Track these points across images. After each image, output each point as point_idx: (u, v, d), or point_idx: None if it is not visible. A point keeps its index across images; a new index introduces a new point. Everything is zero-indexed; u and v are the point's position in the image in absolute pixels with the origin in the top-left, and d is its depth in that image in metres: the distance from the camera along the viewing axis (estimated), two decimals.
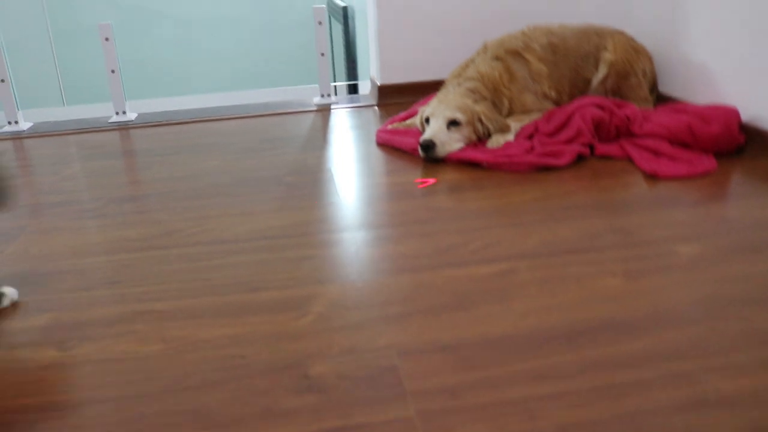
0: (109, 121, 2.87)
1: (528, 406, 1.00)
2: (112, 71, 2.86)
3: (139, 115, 2.93)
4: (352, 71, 4.21)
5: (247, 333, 1.22)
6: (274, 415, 1.01)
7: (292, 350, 1.16)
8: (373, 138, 2.40)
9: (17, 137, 2.75)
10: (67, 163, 2.36)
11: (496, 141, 2.15)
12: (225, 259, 1.52)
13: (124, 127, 2.78)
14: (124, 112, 2.90)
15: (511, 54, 2.34)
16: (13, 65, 2.80)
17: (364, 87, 3.29)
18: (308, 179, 2.02)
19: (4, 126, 2.85)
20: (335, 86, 3.04)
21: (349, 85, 3.69)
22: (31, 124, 2.90)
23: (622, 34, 2.50)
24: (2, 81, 2.78)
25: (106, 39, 2.81)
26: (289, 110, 2.85)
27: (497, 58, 2.33)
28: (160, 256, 1.55)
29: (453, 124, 2.14)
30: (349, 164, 2.17)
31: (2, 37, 2.75)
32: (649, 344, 1.14)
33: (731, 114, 2.08)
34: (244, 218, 1.74)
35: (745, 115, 2.10)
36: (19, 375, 1.14)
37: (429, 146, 2.10)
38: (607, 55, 2.42)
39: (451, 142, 2.13)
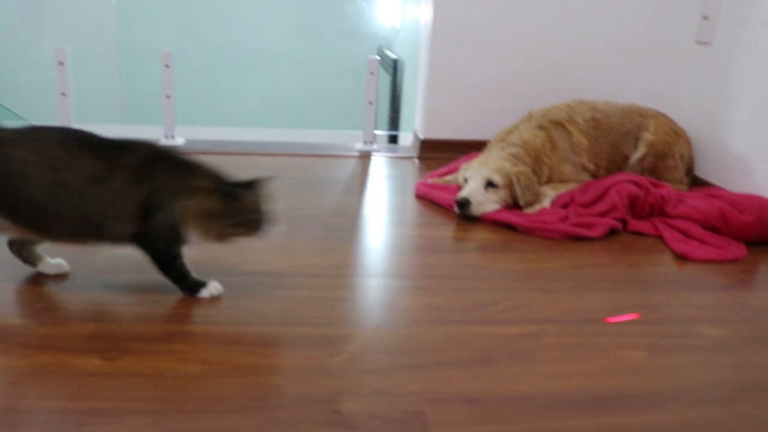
0: (158, 143, 2.97)
1: None
2: (168, 96, 2.97)
3: (187, 141, 3.03)
4: (394, 121, 4.32)
5: (283, 364, 1.28)
6: None
7: (324, 386, 1.22)
8: (411, 189, 2.47)
9: None
10: None
11: (533, 206, 2.21)
12: (266, 291, 1.58)
13: None
14: (173, 137, 3.00)
15: (554, 124, 2.42)
16: (77, 80, 2.93)
17: (404, 138, 3.38)
18: (347, 223, 2.09)
19: None
20: (377, 134, 3.12)
21: (390, 135, 3.79)
22: None
23: (664, 116, 2.57)
24: (63, 95, 2.91)
25: (167, 66, 2.94)
26: (332, 153, 2.95)
27: (541, 127, 2.40)
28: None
29: (490, 185, 2.21)
30: (387, 212, 2.24)
31: (69, 52, 2.88)
32: (666, 419, 1.18)
33: (764, 205, 2.12)
34: (286, 254, 1.81)
35: None
36: (64, 379, 1.21)
37: (464, 204, 2.17)
38: (648, 136, 2.49)
39: (486, 203, 2.20)
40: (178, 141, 3.00)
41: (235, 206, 1.48)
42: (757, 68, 2.33)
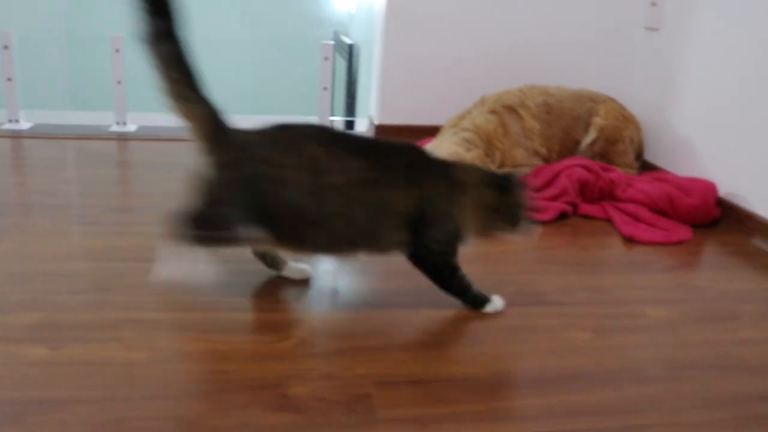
0: (109, 130, 2.92)
1: None
2: (118, 82, 2.92)
3: (139, 127, 2.99)
4: (350, 107, 4.29)
5: (231, 350, 1.28)
6: (252, 429, 1.06)
7: (272, 370, 1.22)
8: None
9: (16, 136, 2.79)
10: (64, 168, 2.41)
11: None
12: (216, 278, 1.57)
13: (123, 138, 2.84)
14: (125, 123, 2.96)
15: (507, 109, 2.44)
16: (21, 64, 2.86)
17: (361, 124, 3.38)
18: None
19: (5, 123, 2.90)
20: (333, 120, 3.12)
21: (347, 121, 3.78)
22: (32, 124, 2.95)
23: (614, 101, 2.61)
24: (9, 80, 2.84)
25: (117, 50, 2.88)
26: None
27: (493, 112, 2.42)
28: (151, 269, 1.60)
29: None
30: None
31: (14, 36, 2.81)
32: (610, 396, 1.21)
33: (709, 188, 2.18)
34: None
35: (722, 191, 2.20)
36: (7, 369, 1.19)
37: None
38: (599, 121, 2.53)
39: None
40: (130, 128, 2.95)
41: (506, 199, 1.40)
42: (704, 54, 2.37)
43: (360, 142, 1.38)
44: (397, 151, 1.38)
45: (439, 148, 2.27)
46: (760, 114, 2.09)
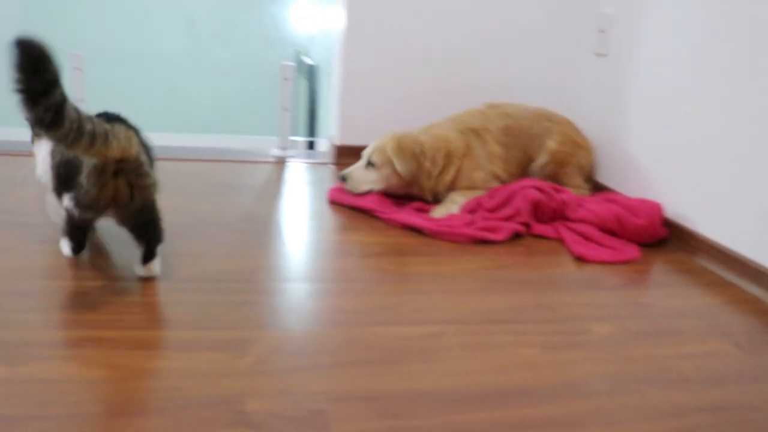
0: None
1: None
2: (81, 101, 2.93)
3: None
4: (312, 127, 4.35)
5: (189, 367, 1.30)
6: None
7: (230, 387, 1.25)
8: (325, 195, 2.51)
9: None
10: (23, 185, 2.41)
11: (440, 211, 2.30)
12: (174, 296, 1.60)
13: None
14: None
15: (472, 132, 2.52)
16: None
17: (322, 144, 3.42)
18: (259, 228, 2.12)
19: None
20: (294, 140, 3.15)
21: (308, 141, 3.82)
22: None
23: (569, 125, 2.70)
24: None
25: (76, 69, 2.89)
26: (247, 159, 2.96)
27: (461, 132, 2.50)
28: (111, 287, 1.62)
29: (369, 164, 2.33)
30: (300, 218, 2.28)
31: None
32: (556, 410, 1.26)
33: (656, 209, 2.27)
34: (195, 259, 1.82)
35: (669, 212, 2.29)
36: None
37: (344, 179, 2.42)
38: (551, 144, 2.61)
39: (366, 181, 2.38)
40: None
41: None
42: (648, 78, 2.47)
43: None
44: None
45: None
46: (703, 138, 2.19)
